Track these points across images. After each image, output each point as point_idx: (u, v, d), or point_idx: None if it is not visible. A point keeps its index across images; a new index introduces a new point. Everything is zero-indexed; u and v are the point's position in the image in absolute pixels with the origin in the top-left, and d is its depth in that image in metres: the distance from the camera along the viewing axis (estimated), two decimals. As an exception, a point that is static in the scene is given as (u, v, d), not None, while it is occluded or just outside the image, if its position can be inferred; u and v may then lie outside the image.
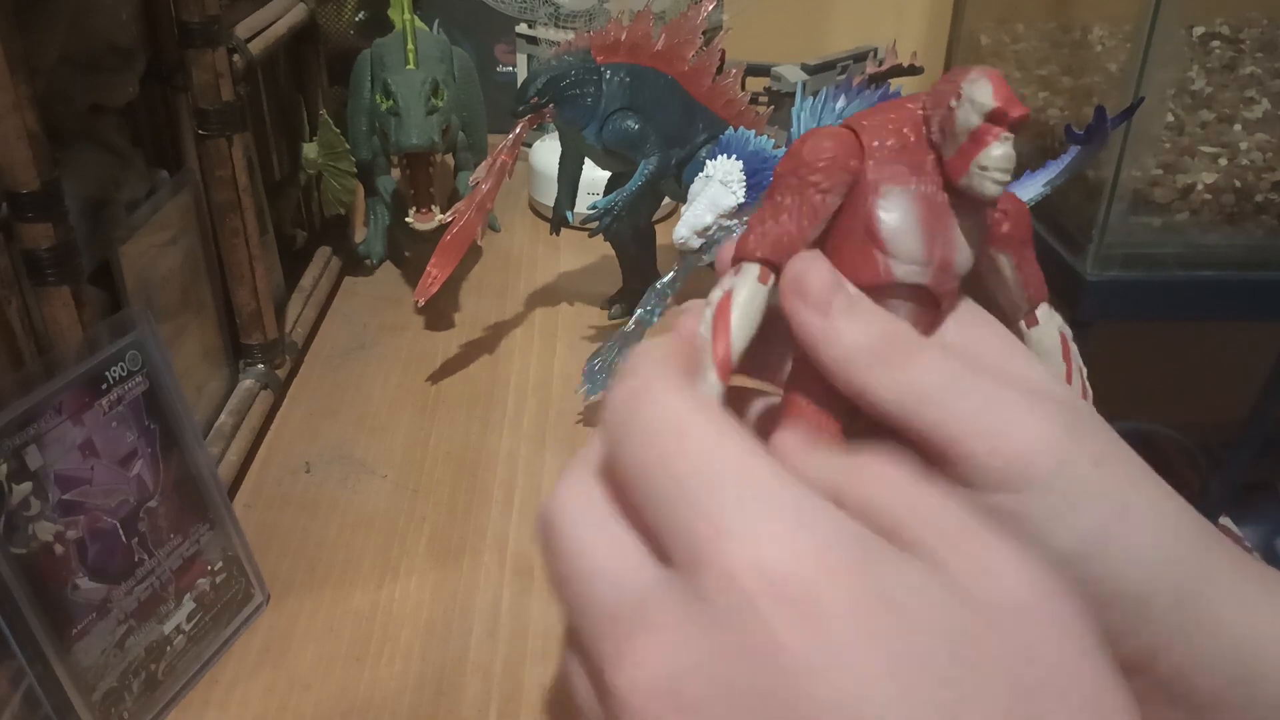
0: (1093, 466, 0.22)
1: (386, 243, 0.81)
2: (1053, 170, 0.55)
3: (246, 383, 0.63)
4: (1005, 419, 0.22)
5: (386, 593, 0.51)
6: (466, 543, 0.55)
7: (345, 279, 0.82)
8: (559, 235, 0.75)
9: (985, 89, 0.22)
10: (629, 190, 0.65)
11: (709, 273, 0.62)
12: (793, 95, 0.73)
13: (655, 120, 0.65)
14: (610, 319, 0.77)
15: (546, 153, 0.88)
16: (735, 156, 0.54)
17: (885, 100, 0.50)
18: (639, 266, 0.75)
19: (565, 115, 0.64)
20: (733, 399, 0.26)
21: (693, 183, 0.56)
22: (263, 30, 0.65)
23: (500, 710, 0.45)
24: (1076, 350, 0.27)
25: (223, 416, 0.59)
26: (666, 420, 0.20)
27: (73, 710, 0.39)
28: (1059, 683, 0.17)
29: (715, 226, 0.54)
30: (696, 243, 0.54)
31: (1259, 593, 0.23)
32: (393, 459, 0.61)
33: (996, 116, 0.22)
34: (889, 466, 0.21)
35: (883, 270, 0.24)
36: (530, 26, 0.95)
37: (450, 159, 0.81)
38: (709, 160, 0.55)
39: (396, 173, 0.77)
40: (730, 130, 0.56)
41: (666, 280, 0.61)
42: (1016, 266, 0.25)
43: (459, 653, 0.48)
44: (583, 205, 0.72)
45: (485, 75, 0.90)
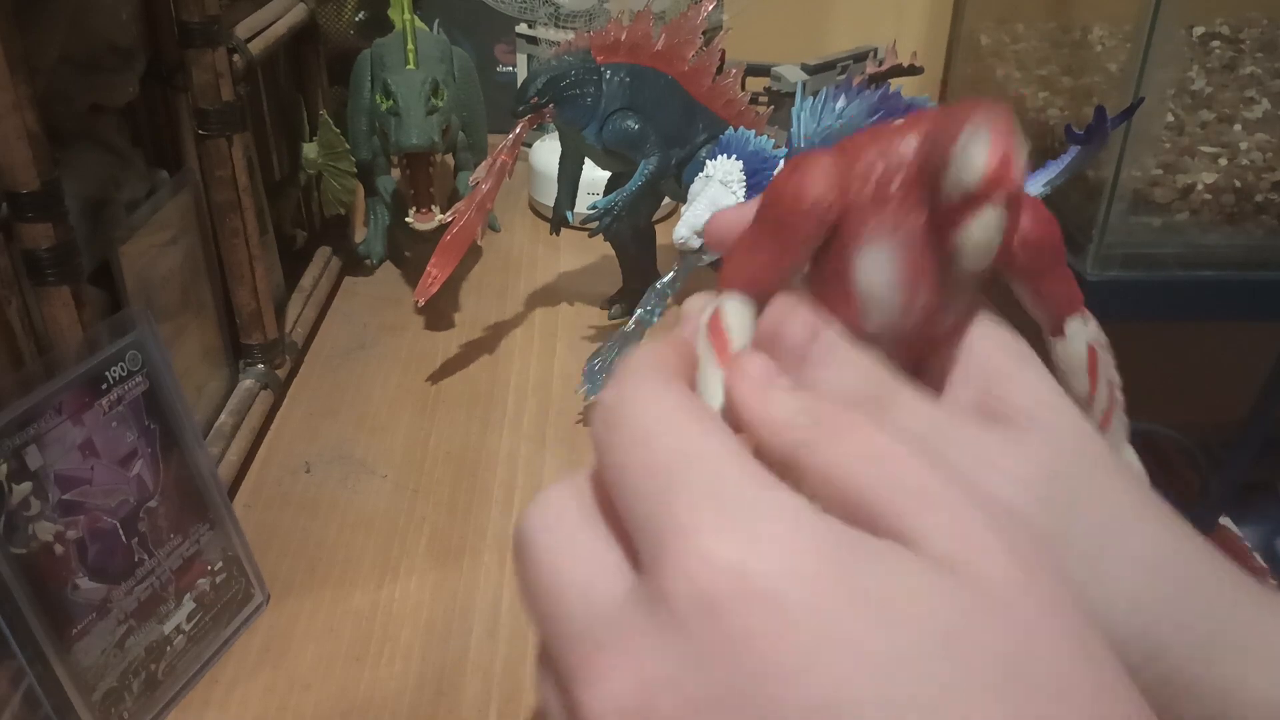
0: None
1: (386, 243, 0.81)
2: (1053, 170, 0.55)
3: (246, 383, 0.63)
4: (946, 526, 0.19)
5: (386, 593, 0.51)
6: (466, 543, 0.55)
7: (345, 279, 0.82)
8: (559, 235, 0.75)
9: (980, 153, 0.19)
10: (629, 190, 0.65)
11: (709, 273, 0.62)
12: (793, 95, 0.73)
13: (655, 120, 0.65)
14: (610, 319, 0.77)
15: (546, 153, 0.88)
16: (735, 156, 0.54)
17: (885, 97, 0.51)
18: (639, 266, 0.75)
19: (565, 115, 0.64)
20: None
21: (693, 183, 0.56)
22: (263, 30, 0.65)
23: (500, 710, 0.45)
24: (1110, 361, 0.26)
25: (223, 416, 0.59)
26: (644, 420, 0.20)
27: (73, 710, 0.39)
28: (1059, 669, 0.17)
29: (715, 226, 0.54)
30: (696, 243, 0.54)
31: (1244, 632, 0.22)
32: (393, 459, 0.61)
33: (985, 189, 0.20)
34: (864, 424, 0.20)
35: (860, 318, 0.23)
36: (530, 26, 0.95)
37: (450, 159, 0.81)
38: (709, 160, 0.55)
39: (396, 173, 0.77)
40: (730, 130, 0.56)
41: (666, 280, 0.61)
42: (1034, 293, 0.24)
43: (459, 653, 0.48)
44: (583, 205, 0.72)
45: (485, 75, 0.90)
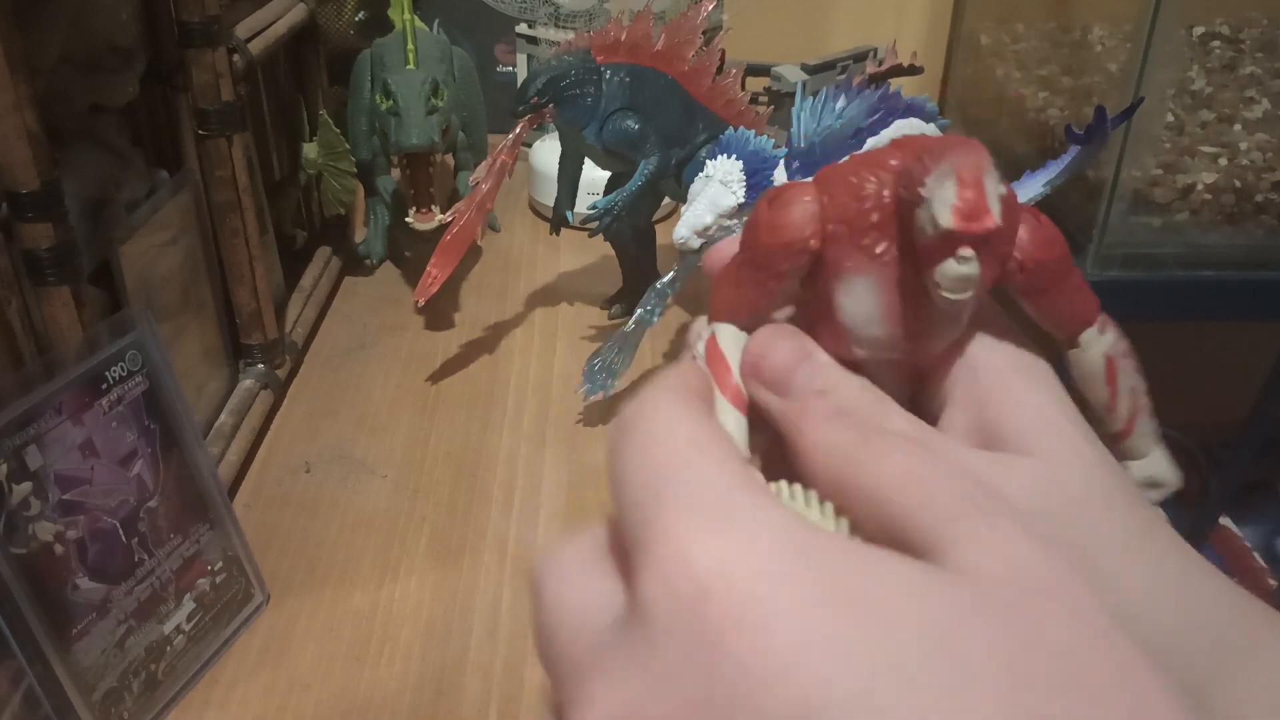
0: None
1: (386, 243, 0.81)
2: (1052, 170, 0.55)
3: (246, 383, 0.63)
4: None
5: (386, 593, 0.51)
6: (466, 543, 0.55)
7: (345, 279, 0.82)
8: (559, 235, 0.75)
9: (947, 198, 0.19)
10: (629, 190, 0.65)
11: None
12: (793, 95, 0.73)
13: (655, 120, 0.65)
14: (610, 319, 0.77)
15: (546, 153, 0.88)
16: (735, 156, 0.54)
17: (885, 96, 0.51)
18: (639, 266, 0.75)
19: (565, 115, 0.64)
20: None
21: (693, 183, 0.56)
22: (263, 30, 0.65)
23: (500, 710, 0.45)
24: (1132, 367, 0.25)
25: (223, 416, 0.59)
26: (645, 433, 0.20)
27: (73, 710, 0.39)
28: (1071, 666, 0.16)
29: (715, 226, 0.54)
30: (696, 243, 0.54)
31: (1246, 668, 0.22)
32: (393, 459, 0.61)
33: (951, 238, 0.19)
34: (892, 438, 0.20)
35: (846, 350, 0.22)
36: (530, 26, 0.95)
37: (450, 159, 0.81)
38: (709, 160, 0.55)
39: (396, 173, 0.77)
40: (730, 130, 0.56)
41: (666, 280, 0.61)
42: (1039, 310, 0.24)
43: (459, 653, 0.48)
44: (583, 205, 0.72)
45: (485, 75, 0.90)
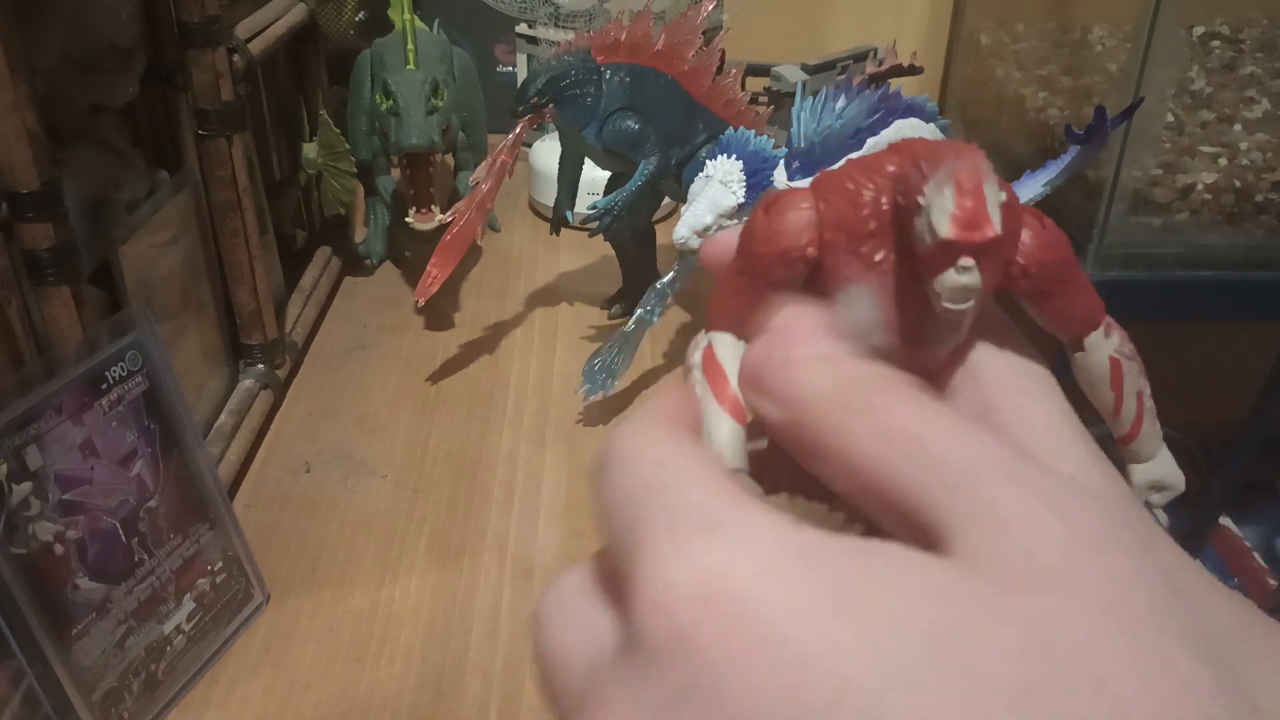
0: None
1: (386, 243, 0.81)
2: (1053, 170, 0.55)
3: (246, 383, 0.63)
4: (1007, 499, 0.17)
5: (386, 593, 0.51)
6: (466, 543, 0.55)
7: (345, 279, 0.82)
8: (559, 235, 0.75)
9: (945, 207, 0.18)
10: (629, 190, 0.65)
11: (709, 273, 0.62)
12: (793, 95, 0.73)
13: (655, 120, 0.65)
14: (610, 319, 0.77)
15: (546, 153, 0.88)
16: (735, 156, 0.54)
17: (885, 96, 0.51)
18: (639, 266, 0.75)
19: (565, 115, 0.64)
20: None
21: (693, 183, 0.56)
22: (263, 30, 0.65)
23: (500, 710, 0.45)
24: (1137, 370, 0.24)
25: (223, 416, 0.59)
26: (623, 458, 0.19)
27: (73, 710, 0.39)
28: (1090, 665, 0.15)
29: (715, 226, 0.54)
30: (696, 243, 0.54)
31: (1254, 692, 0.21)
32: (393, 459, 0.61)
33: (950, 248, 0.18)
34: (885, 395, 0.18)
35: None
36: (530, 26, 0.95)
37: (450, 159, 0.81)
38: (709, 160, 0.55)
39: (396, 173, 0.77)
40: (730, 130, 0.56)
41: (666, 280, 0.61)
42: (1043, 314, 0.23)
43: (459, 653, 0.48)
44: (583, 205, 0.72)
45: (485, 75, 0.90)
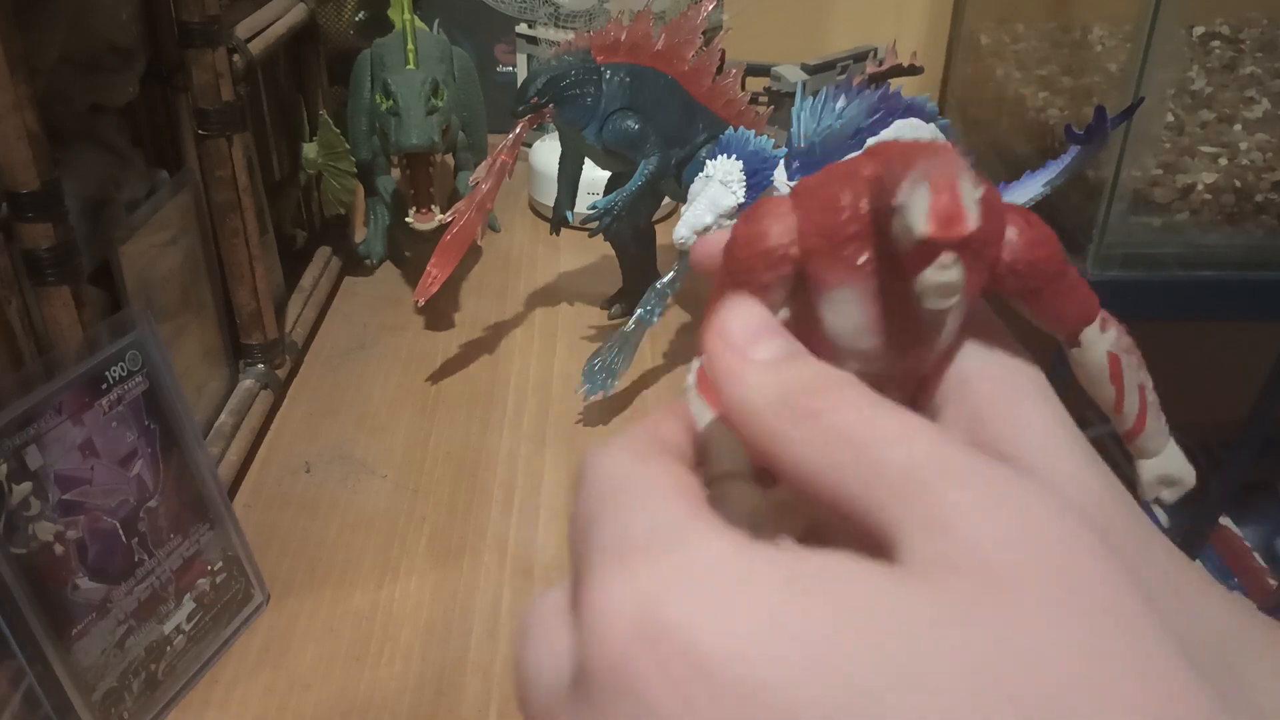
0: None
1: (386, 243, 0.81)
2: (1052, 170, 0.55)
3: (246, 383, 0.63)
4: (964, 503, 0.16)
5: (386, 593, 0.51)
6: (466, 543, 0.55)
7: (345, 279, 0.82)
8: (559, 235, 0.75)
9: (921, 205, 0.18)
10: (629, 190, 0.65)
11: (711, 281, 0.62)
12: (793, 95, 0.73)
13: (655, 120, 0.65)
14: (610, 319, 0.77)
15: (546, 153, 0.88)
16: (735, 156, 0.54)
17: (885, 96, 0.51)
18: (639, 266, 0.75)
19: (565, 115, 0.64)
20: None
21: (693, 183, 0.56)
22: (263, 30, 0.65)
23: (500, 710, 0.45)
24: (1137, 363, 0.24)
25: (223, 416, 0.59)
26: (582, 485, 0.18)
27: (73, 710, 0.39)
28: (1051, 672, 0.13)
29: (715, 226, 0.54)
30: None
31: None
32: (393, 459, 0.61)
33: (933, 239, 0.18)
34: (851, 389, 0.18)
35: (836, 363, 0.21)
36: (530, 26, 0.95)
37: (450, 159, 0.81)
38: (709, 160, 0.55)
39: (396, 173, 0.77)
40: (730, 130, 0.56)
41: (666, 280, 0.61)
42: (1036, 311, 0.23)
43: (459, 653, 0.48)
44: (583, 205, 0.72)
45: (485, 75, 0.90)
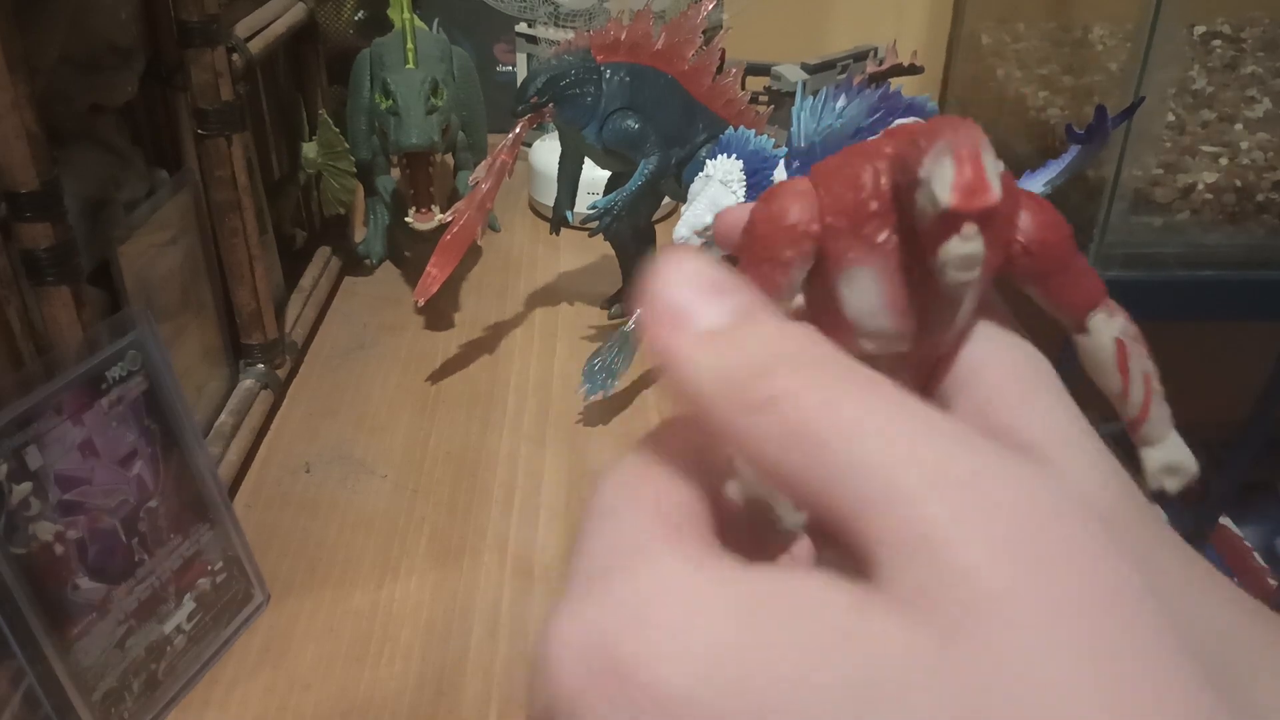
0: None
1: (386, 243, 0.81)
2: (1053, 170, 0.55)
3: (246, 383, 0.63)
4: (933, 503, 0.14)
5: (386, 593, 0.51)
6: (466, 543, 0.55)
7: (345, 279, 0.82)
8: (559, 235, 0.75)
9: (945, 176, 0.18)
10: (629, 190, 0.65)
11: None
12: (793, 95, 0.73)
13: (655, 120, 0.65)
14: (610, 319, 0.77)
15: (546, 153, 0.88)
16: (735, 156, 0.54)
17: (885, 96, 0.50)
18: (639, 266, 0.75)
19: (565, 115, 0.64)
20: None
21: (693, 183, 0.56)
22: (262, 29, 0.65)
23: (500, 710, 0.45)
24: (1142, 351, 0.24)
25: (223, 416, 0.59)
26: (597, 492, 0.18)
27: (73, 710, 0.39)
28: (1040, 715, 0.12)
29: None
30: (696, 243, 0.54)
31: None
32: (393, 459, 0.61)
33: (952, 217, 0.18)
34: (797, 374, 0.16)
35: (854, 345, 0.22)
36: (530, 26, 0.95)
37: (450, 159, 0.81)
38: (709, 160, 0.55)
39: (396, 172, 0.77)
40: (730, 130, 0.56)
41: (667, 280, 0.61)
42: (1045, 295, 0.23)
43: (459, 653, 0.48)
44: (583, 205, 0.72)
45: (485, 75, 0.90)
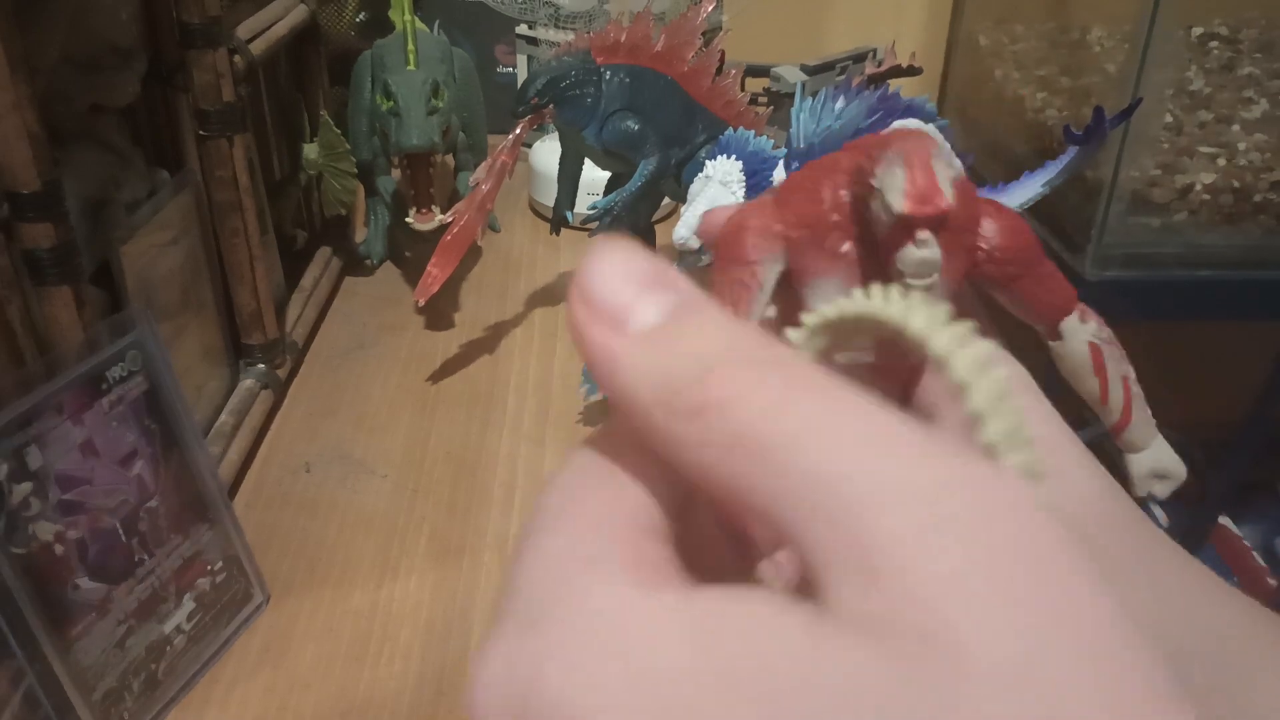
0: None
1: (386, 243, 0.81)
2: (1051, 171, 0.55)
3: (247, 383, 0.63)
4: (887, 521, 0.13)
5: (386, 593, 0.52)
6: (466, 543, 0.55)
7: (345, 279, 0.82)
8: (559, 235, 0.75)
9: (897, 184, 0.18)
10: (629, 190, 0.65)
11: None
12: (792, 95, 0.73)
13: (655, 121, 0.65)
14: (610, 319, 0.77)
15: (546, 153, 0.88)
16: (735, 157, 0.54)
17: (884, 97, 0.51)
18: (639, 267, 0.75)
19: (565, 116, 0.64)
20: None
21: (693, 183, 0.56)
22: (264, 31, 0.65)
23: (500, 710, 0.45)
24: (1119, 355, 0.23)
25: (223, 416, 0.59)
26: (540, 497, 0.18)
27: (73, 710, 0.39)
28: None
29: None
30: (696, 243, 0.54)
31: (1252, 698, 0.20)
32: (393, 459, 0.61)
33: (906, 223, 0.18)
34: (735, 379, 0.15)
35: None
36: (530, 27, 0.95)
37: (450, 159, 0.82)
38: (709, 160, 0.55)
39: (397, 173, 0.77)
40: (730, 130, 0.56)
41: (666, 280, 0.61)
42: (1014, 300, 0.23)
43: (459, 653, 0.48)
44: (583, 205, 0.72)
45: (485, 76, 0.90)
